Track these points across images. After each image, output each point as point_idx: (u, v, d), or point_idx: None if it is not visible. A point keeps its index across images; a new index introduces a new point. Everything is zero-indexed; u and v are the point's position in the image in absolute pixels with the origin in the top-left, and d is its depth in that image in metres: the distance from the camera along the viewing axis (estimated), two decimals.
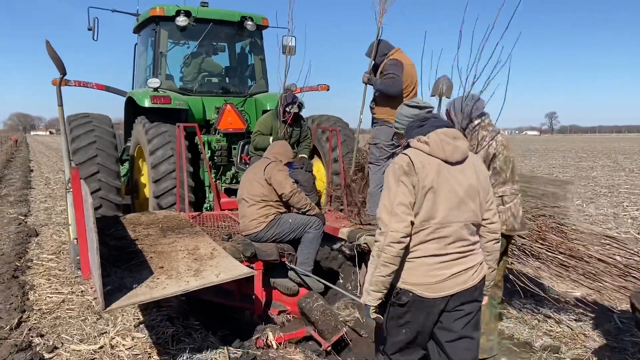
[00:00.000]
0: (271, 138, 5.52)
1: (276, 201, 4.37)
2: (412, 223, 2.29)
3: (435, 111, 5.01)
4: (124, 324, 4.11)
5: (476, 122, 3.44)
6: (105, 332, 3.97)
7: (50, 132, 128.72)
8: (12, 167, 21.41)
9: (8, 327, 4.01)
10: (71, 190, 3.85)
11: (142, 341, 3.81)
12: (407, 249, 2.32)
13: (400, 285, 2.37)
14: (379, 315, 2.41)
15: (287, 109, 5.46)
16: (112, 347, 3.74)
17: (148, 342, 3.77)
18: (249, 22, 6.91)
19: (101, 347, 3.73)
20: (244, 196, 4.36)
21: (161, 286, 3.22)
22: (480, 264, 2.48)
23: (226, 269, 3.49)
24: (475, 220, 2.42)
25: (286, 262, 4.24)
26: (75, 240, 4.40)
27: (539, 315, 4.42)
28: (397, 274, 2.36)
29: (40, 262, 6.05)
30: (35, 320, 4.26)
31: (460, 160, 2.38)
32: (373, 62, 4.84)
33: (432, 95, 5.91)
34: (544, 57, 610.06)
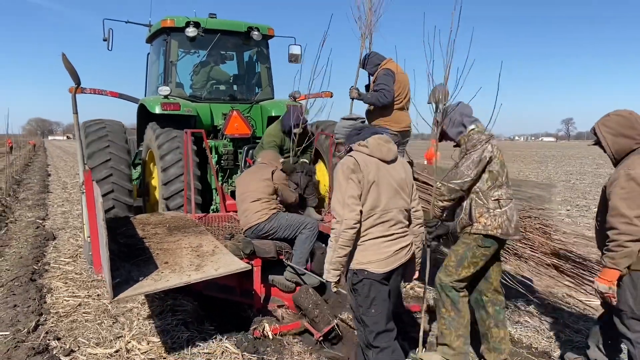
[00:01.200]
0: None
1: (279, 200, 4.82)
2: (361, 212, 2.81)
3: (432, 118, 5.27)
4: (140, 328, 4.19)
5: (471, 126, 3.51)
6: (121, 336, 4.03)
7: (68, 137, 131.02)
8: (31, 172, 21.90)
9: (25, 330, 4.08)
10: (84, 191, 4.16)
11: (157, 345, 3.87)
12: (358, 235, 2.79)
13: (355, 267, 2.88)
14: (339, 289, 2.95)
15: (293, 130, 5.68)
16: (127, 351, 3.80)
17: (163, 347, 3.83)
18: (255, 32, 7.20)
19: (117, 351, 3.80)
20: (248, 192, 4.65)
21: (165, 279, 3.51)
22: (411, 245, 3.07)
23: (225, 264, 3.77)
24: (406, 207, 3.02)
25: (283, 259, 4.50)
26: (89, 239, 4.71)
27: (558, 324, 4.38)
28: (351, 258, 2.84)
29: (57, 265, 6.18)
30: (52, 323, 4.34)
31: (392, 159, 2.97)
32: (361, 70, 5.07)
33: (428, 103, 6.14)
34: (560, 63, 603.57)
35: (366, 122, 3.50)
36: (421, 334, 3.56)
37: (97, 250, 3.77)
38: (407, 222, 3.05)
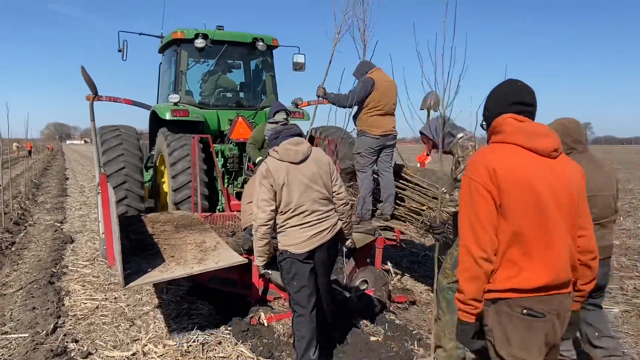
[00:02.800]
0: (259, 157, 6.07)
1: None
2: (273, 211, 3.43)
3: (424, 123, 5.69)
4: (156, 331, 4.29)
5: (459, 135, 3.70)
6: (138, 339, 4.13)
7: (85, 141, 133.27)
8: (49, 175, 22.48)
9: (44, 332, 4.20)
10: (100, 192, 4.59)
11: (173, 349, 3.94)
12: (279, 225, 3.50)
13: (280, 247, 3.55)
14: (267, 271, 3.72)
15: (276, 117, 6.03)
16: (144, 354, 3.89)
17: (179, 350, 3.91)
18: (260, 43, 7.62)
19: (134, 354, 3.89)
20: (246, 194, 5.04)
21: (170, 270, 3.92)
22: (334, 225, 3.60)
23: (225, 258, 4.16)
24: (322, 196, 3.52)
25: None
26: (104, 235, 5.14)
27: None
28: (280, 241, 3.55)
29: (75, 268, 6.34)
30: (70, 325, 4.45)
31: (302, 159, 3.48)
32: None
33: (421, 109, 6.45)
34: (578, 66, 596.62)
35: (288, 124, 3.91)
36: (432, 339, 3.66)
37: (111, 244, 4.18)
38: (327, 208, 3.56)
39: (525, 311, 1.98)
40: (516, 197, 1.97)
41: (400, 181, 5.80)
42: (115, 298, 5.19)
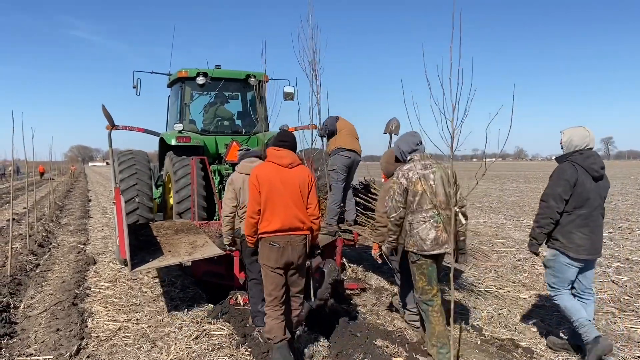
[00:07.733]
0: None
1: None
2: (234, 207, 4.90)
3: (386, 145, 7.00)
4: (177, 352, 4.37)
5: (408, 157, 4.36)
6: None
7: (107, 163, 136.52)
8: (72, 197, 23.04)
9: (68, 354, 4.27)
10: (115, 202, 5.87)
11: None
12: (239, 215, 4.69)
13: (243, 232, 4.44)
14: (231, 247, 5.13)
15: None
16: None
17: None
18: (252, 79, 8.96)
19: None
20: None
21: (166, 260, 5.19)
22: None
23: (209, 252, 5.40)
24: None
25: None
26: (117, 239, 6.40)
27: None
28: (241, 228, 4.59)
29: (97, 289, 6.49)
30: (93, 347, 4.52)
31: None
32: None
33: (384, 133, 7.67)
34: (598, 79, 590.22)
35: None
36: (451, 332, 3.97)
37: (123, 242, 5.43)
38: None
39: (270, 243, 4.00)
40: (265, 186, 3.99)
41: (368, 194, 6.91)
42: (137, 319, 5.30)
